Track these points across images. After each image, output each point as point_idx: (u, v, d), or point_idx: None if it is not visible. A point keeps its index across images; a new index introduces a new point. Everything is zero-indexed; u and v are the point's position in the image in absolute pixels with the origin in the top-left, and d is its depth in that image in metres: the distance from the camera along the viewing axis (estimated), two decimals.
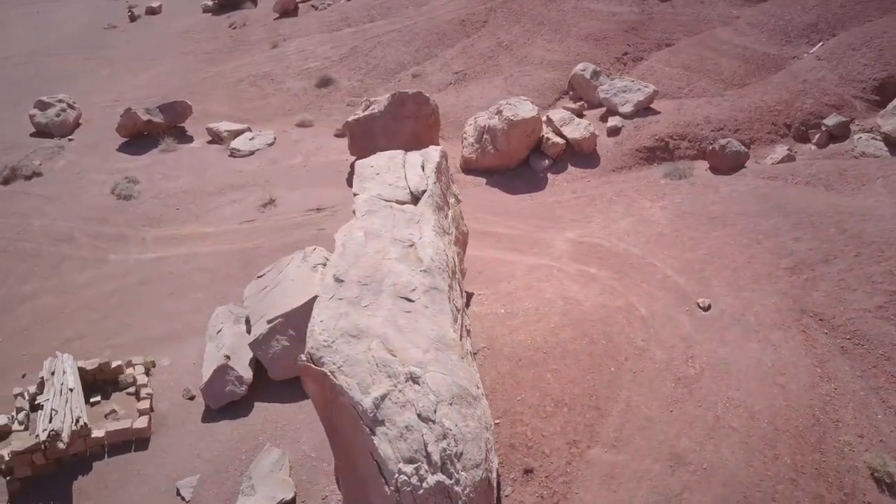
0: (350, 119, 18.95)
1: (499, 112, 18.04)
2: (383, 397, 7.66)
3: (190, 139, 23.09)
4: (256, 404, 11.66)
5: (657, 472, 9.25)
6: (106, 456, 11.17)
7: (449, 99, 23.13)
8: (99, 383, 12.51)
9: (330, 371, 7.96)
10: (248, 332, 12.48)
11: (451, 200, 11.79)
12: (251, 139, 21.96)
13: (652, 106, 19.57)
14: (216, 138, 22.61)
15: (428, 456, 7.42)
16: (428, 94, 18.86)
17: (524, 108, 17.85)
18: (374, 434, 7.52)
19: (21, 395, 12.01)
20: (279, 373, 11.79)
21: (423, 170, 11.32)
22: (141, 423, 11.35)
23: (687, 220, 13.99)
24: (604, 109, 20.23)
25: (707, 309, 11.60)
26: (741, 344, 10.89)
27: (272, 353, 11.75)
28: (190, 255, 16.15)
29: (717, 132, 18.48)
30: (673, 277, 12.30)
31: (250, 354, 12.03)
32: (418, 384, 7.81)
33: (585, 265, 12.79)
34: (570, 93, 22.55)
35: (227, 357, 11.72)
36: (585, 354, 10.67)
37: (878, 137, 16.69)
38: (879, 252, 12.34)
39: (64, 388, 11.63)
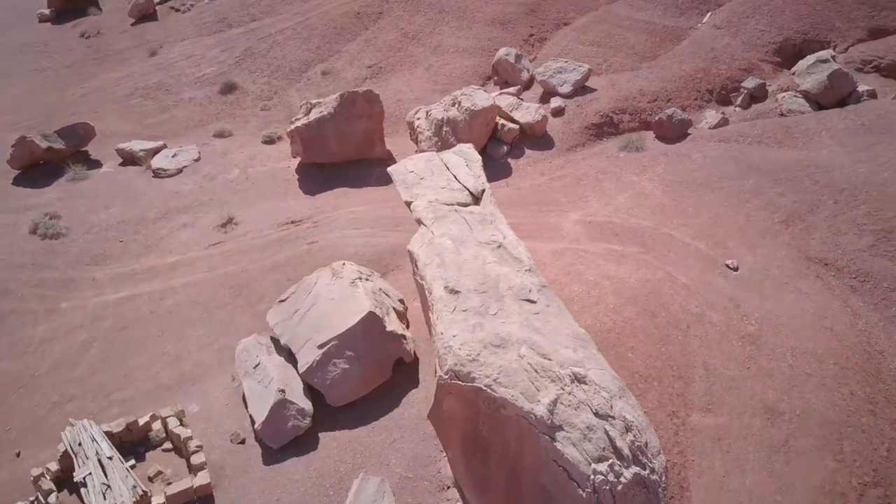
0: (299, 124, 18.03)
1: (456, 103, 17.95)
2: (554, 402, 7.56)
3: (97, 163, 20.93)
4: (320, 435, 11.00)
5: (758, 426, 9.86)
6: None
7: None
8: (126, 445, 11.22)
9: (485, 385, 7.73)
10: (288, 360, 11.68)
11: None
12: (174, 156, 20.28)
13: (587, 84, 20.32)
14: (130, 159, 20.66)
15: (618, 451, 7.43)
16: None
17: (480, 98, 17.91)
18: (554, 440, 7.39)
19: (42, 475, 10.50)
20: (339, 398, 11.18)
21: (469, 169, 11.11)
22: (202, 479, 10.33)
23: (678, 189, 14.79)
24: (541, 91, 20.73)
25: (736, 269, 12.41)
26: (779, 297, 11.78)
27: (330, 378, 11.10)
28: (165, 290, 14.74)
29: (653, 103, 19.59)
30: (693, 244, 13.01)
31: (300, 384, 11.29)
32: (585, 383, 7.77)
33: (608, 243, 13.20)
34: (495, 77, 22.85)
35: (282, 391, 10.93)
36: (652, 328, 11.07)
37: (799, 95, 18.49)
38: (853, 197, 13.77)
39: (101, 457, 10.34)
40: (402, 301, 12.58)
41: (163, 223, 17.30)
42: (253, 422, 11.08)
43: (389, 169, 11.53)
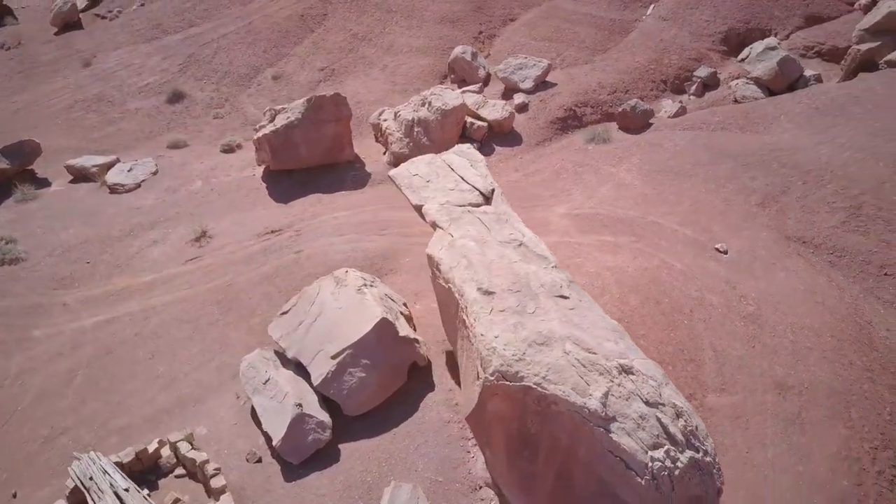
0: (266, 132, 17.62)
1: (426, 103, 17.93)
2: (606, 395, 7.70)
3: (46, 182, 19.90)
4: (341, 447, 10.82)
5: (771, 401, 10.31)
6: None
7: None
8: (136, 474, 10.76)
9: (535, 383, 7.80)
10: (297, 373, 11.43)
11: None
12: (129, 170, 19.48)
13: (547, 79, 20.64)
14: (81, 176, 19.73)
15: (671, 437, 7.64)
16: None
17: (450, 97, 17.95)
18: (609, 432, 7.55)
19: None
20: (356, 407, 11.04)
21: (475, 169, 11.14)
22: (225, 502, 10.03)
23: (656, 177, 15.24)
24: (501, 88, 20.93)
25: (726, 252, 12.91)
26: (771, 276, 12.32)
27: (346, 388, 10.94)
28: (147, 311, 14.16)
29: (612, 95, 20.09)
30: (681, 231, 13.44)
31: (315, 397, 11.08)
32: (633, 373, 7.95)
33: (599, 235, 13.48)
34: (452, 76, 22.92)
35: (300, 405, 10.71)
36: (658, 315, 11.40)
37: (751, 82, 19.32)
38: (820, 177, 14.52)
39: (117, 489, 9.90)
40: (405, 305, 12.51)
41: (130, 241, 16.60)
42: (269, 439, 10.82)
43: (391, 173, 11.44)
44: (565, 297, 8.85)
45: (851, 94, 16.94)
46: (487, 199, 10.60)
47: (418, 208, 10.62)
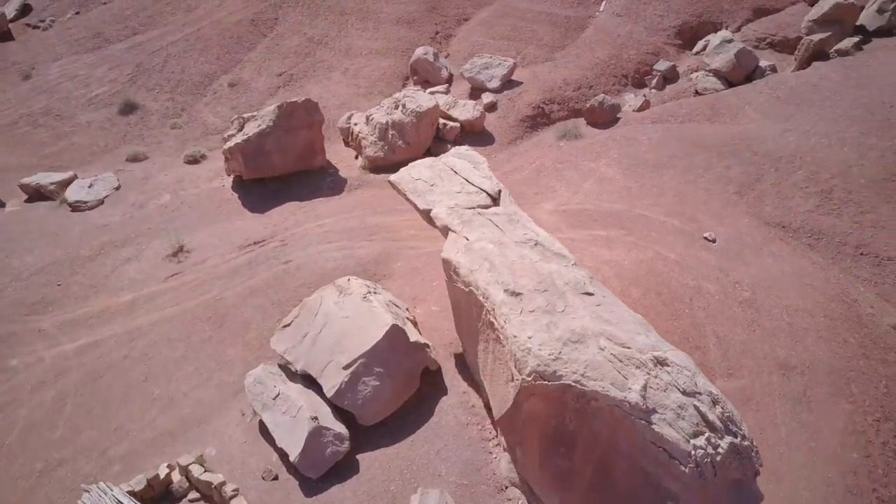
0: (238, 140, 17.19)
1: (400, 106, 17.83)
2: (644, 387, 7.86)
3: None
4: (359, 457, 10.70)
5: (777, 383, 10.70)
6: None
7: None
8: (147, 502, 10.39)
9: (573, 381, 7.92)
10: (305, 386, 11.24)
11: None
12: (90, 187, 18.72)
13: (513, 78, 20.82)
14: (37, 195, 18.85)
15: (710, 424, 7.85)
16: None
17: (424, 99, 17.90)
18: (651, 423, 7.71)
19: None
20: (371, 416, 10.92)
21: (478, 171, 11.15)
22: None
23: (636, 171, 15.56)
24: (466, 88, 21.00)
25: (714, 241, 13.30)
26: (759, 262, 12.77)
27: (361, 398, 10.81)
28: (132, 332, 13.66)
29: (578, 91, 20.42)
30: (668, 222, 13.78)
31: (328, 409, 10.92)
32: (667, 365, 8.13)
33: (590, 230, 13.70)
34: (414, 77, 22.85)
35: (315, 418, 10.53)
36: (660, 305, 11.68)
37: (710, 74, 19.94)
38: (791, 163, 15.12)
39: None
40: (408, 310, 12.44)
41: (102, 259, 15.97)
42: (284, 455, 10.61)
43: (392, 178, 11.34)
44: (590, 294, 8.97)
45: (809, 82, 17.69)
46: (495, 200, 10.64)
47: (426, 213, 10.57)
